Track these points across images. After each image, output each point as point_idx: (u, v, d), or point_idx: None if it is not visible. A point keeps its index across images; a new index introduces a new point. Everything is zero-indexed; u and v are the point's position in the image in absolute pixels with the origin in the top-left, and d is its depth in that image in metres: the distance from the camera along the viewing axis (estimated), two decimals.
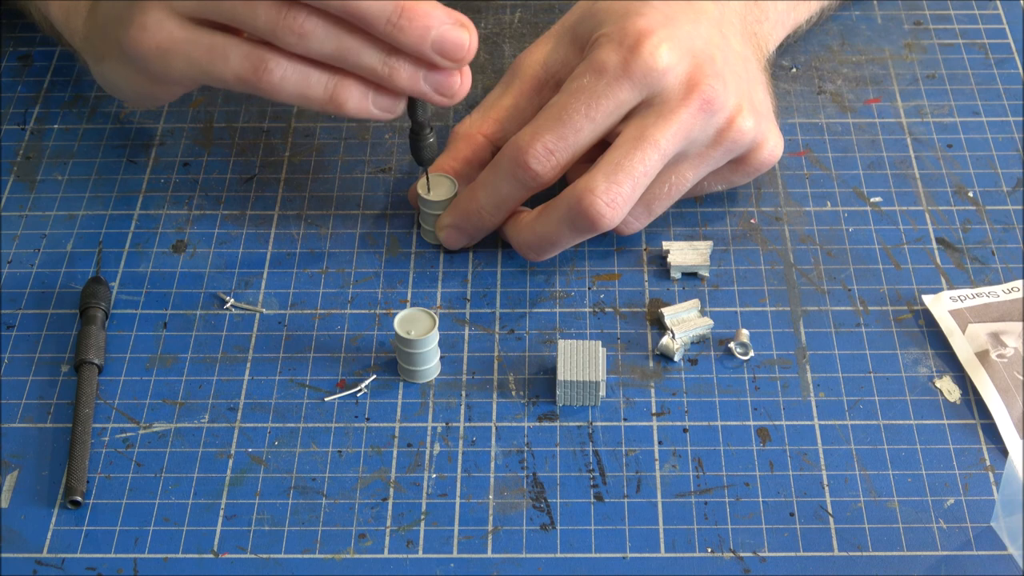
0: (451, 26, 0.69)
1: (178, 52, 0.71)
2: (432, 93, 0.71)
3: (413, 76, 0.70)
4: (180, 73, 0.72)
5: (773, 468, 0.69)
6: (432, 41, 0.69)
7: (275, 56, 0.70)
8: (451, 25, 0.69)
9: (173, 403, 0.72)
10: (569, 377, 0.70)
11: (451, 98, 0.72)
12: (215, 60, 0.70)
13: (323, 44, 0.69)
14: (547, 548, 0.66)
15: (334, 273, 0.78)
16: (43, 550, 0.66)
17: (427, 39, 0.68)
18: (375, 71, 0.70)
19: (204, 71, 0.71)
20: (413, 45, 0.69)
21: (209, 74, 0.71)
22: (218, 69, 0.70)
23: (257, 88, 0.70)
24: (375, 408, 0.72)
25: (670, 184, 0.76)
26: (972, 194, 0.82)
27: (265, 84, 0.70)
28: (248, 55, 0.70)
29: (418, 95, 0.71)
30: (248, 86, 0.71)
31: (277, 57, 0.70)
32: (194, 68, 0.71)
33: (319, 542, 0.66)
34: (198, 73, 0.71)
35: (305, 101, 0.71)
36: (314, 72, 0.70)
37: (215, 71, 0.71)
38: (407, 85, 0.70)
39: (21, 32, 0.93)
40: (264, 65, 0.70)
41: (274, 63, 0.70)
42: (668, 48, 0.73)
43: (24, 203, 0.82)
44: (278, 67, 0.70)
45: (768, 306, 0.76)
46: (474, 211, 0.76)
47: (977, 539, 0.66)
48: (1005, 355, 0.72)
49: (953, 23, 0.93)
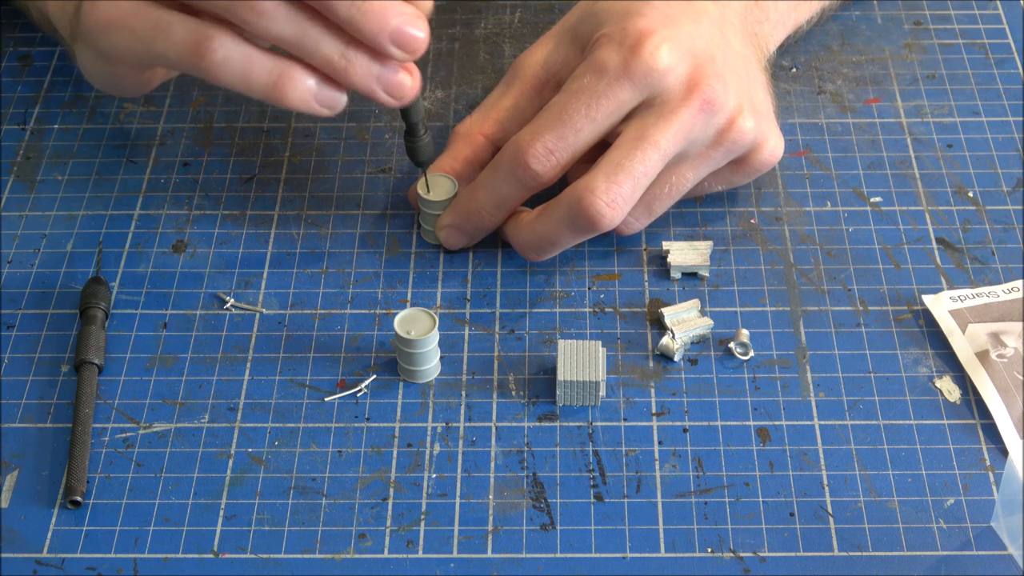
0: (410, 17, 0.68)
1: (123, 25, 0.69)
2: (381, 92, 0.70)
3: (367, 72, 0.69)
4: (123, 48, 0.70)
5: (773, 468, 0.69)
6: (392, 31, 0.67)
7: (220, 35, 0.67)
8: (410, 16, 0.68)
9: (173, 403, 0.72)
10: (569, 377, 0.70)
11: (400, 99, 0.70)
12: (158, 35, 0.68)
13: (283, 27, 0.67)
14: (547, 548, 0.66)
15: (334, 273, 0.78)
16: (43, 550, 0.66)
17: (387, 28, 0.67)
18: (331, 62, 0.68)
19: (146, 46, 0.69)
20: (373, 33, 0.67)
21: (151, 49, 0.69)
22: (160, 45, 0.68)
23: (199, 68, 0.68)
24: (375, 408, 0.72)
25: (670, 184, 0.76)
26: (972, 194, 0.82)
27: (207, 64, 0.68)
28: (192, 31, 0.68)
29: (367, 92, 0.70)
30: (190, 66, 0.68)
31: (222, 37, 0.67)
32: (137, 43, 0.69)
33: (319, 542, 0.66)
34: (140, 49, 0.69)
35: (247, 87, 0.68)
36: (259, 56, 0.68)
37: (157, 47, 0.68)
38: (360, 80, 0.69)
39: (21, 32, 0.93)
40: (207, 43, 0.67)
41: (218, 42, 0.67)
42: (669, 48, 0.73)
43: (24, 203, 0.82)
44: (221, 47, 0.67)
45: (768, 306, 0.76)
46: (474, 211, 0.76)
47: (977, 539, 0.66)
48: (1005, 355, 0.72)
49: (953, 23, 0.93)
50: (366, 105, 0.87)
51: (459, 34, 0.93)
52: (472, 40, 0.92)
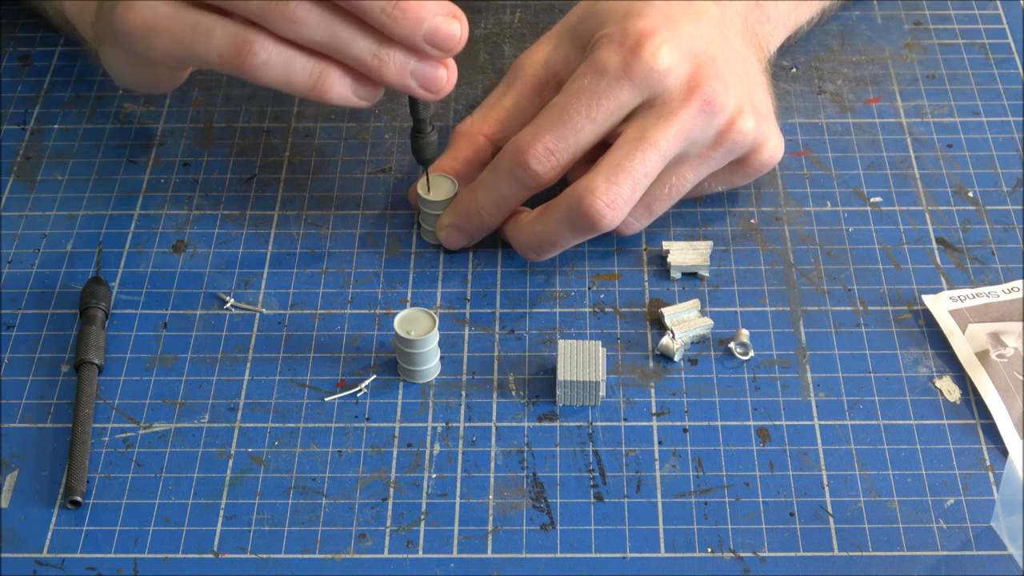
0: (444, 17, 0.69)
1: (162, 30, 0.70)
2: (418, 87, 0.71)
3: (401, 69, 0.70)
4: (164, 52, 0.70)
5: (773, 468, 0.69)
6: (425, 31, 0.68)
7: (260, 38, 0.68)
8: (444, 16, 0.69)
9: (173, 403, 0.72)
10: (569, 377, 0.70)
11: (436, 93, 0.71)
12: (199, 39, 0.69)
13: (315, 31, 0.68)
14: (547, 548, 0.66)
15: (334, 273, 0.78)
16: (43, 550, 0.66)
17: (420, 29, 0.68)
18: (364, 62, 0.69)
19: (187, 50, 0.70)
20: (406, 35, 0.68)
21: (192, 53, 0.70)
22: (201, 49, 0.69)
23: (240, 70, 0.69)
24: (375, 408, 0.72)
25: (670, 185, 0.76)
26: (972, 194, 0.82)
27: (248, 67, 0.69)
28: (233, 35, 0.69)
29: (403, 89, 0.71)
30: (231, 68, 0.69)
31: (262, 39, 0.68)
32: (177, 47, 0.70)
33: (319, 542, 0.66)
34: (181, 52, 0.70)
35: (288, 86, 0.70)
36: (299, 57, 0.69)
37: (198, 51, 0.69)
38: (394, 78, 0.70)
39: (21, 32, 0.93)
40: (248, 47, 0.68)
41: (259, 45, 0.68)
42: (669, 49, 0.73)
43: (24, 203, 0.82)
44: (263, 50, 0.69)
45: (768, 306, 0.76)
46: (474, 211, 0.76)
47: (977, 539, 0.66)
48: (1005, 355, 0.72)
49: (953, 23, 0.93)
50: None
51: None
52: (472, 40, 0.92)
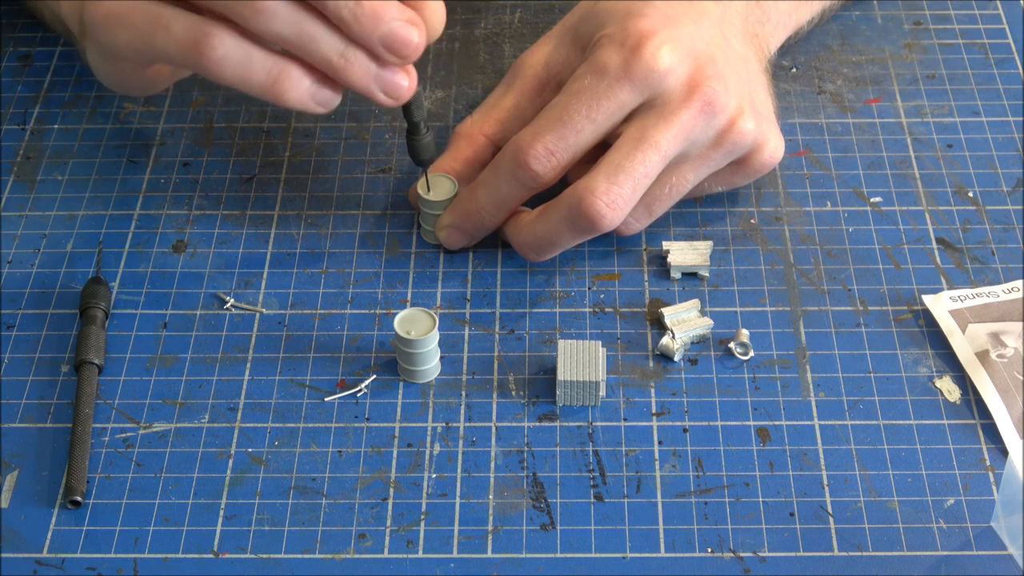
0: (402, 23, 0.68)
1: (123, 20, 0.69)
2: (378, 92, 0.70)
3: (366, 72, 0.69)
4: (125, 44, 0.69)
5: (773, 468, 0.69)
6: (382, 35, 0.67)
7: (220, 31, 0.67)
8: (402, 22, 0.68)
9: (173, 403, 0.72)
10: (569, 377, 0.70)
11: (396, 99, 0.70)
12: (158, 31, 0.68)
13: (283, 25, 0.67)
14: (547, 548, 0.66)
15: (334, 273, 0.78)
16: (43, 550, 0.66)
17: (376, 32, 0.67)
18: (330, 62, 0.68)
19: (147, 42, 0.69)
20: (365, 36, 0.67)
21: (152, 46, 0.69)
22: (160, 40, 0.68)
23: (199, 65, 0.68)
24: (375, 408, 0.72)
25: (671, 185, 0.76)
26: (972, 194, 0.82)
27: (206, 60, 0.68)
28: (191, 27, 0.68)
29: (366, 92, 0.70)
30: (189, 62, 0.68)
31: (222, 33, 0.67)
32: (137, 38, 0.69)
33: (319, 542, 0.66)
34: (142, 44, 0.69)
35: (245, 84, 0.68)
36: (258, 54, 0.68)
37: (157, 42, 0.68)
38: (358, 80, 0.69)
39: (21, 32, 0.93)
40: (207, 40, 0.67)
41: (217, 39, 0.67)
42: (669, 49, 0.73)
43: (24, 203, 0.82)
44: (221, 44, 0.67)
45: (768, 306, 0.76)
46: (474, 211, 0.76)
47: (977, 539, 0.66)
48: (1005, 355, 0.72)
49: (953, 23, 0.93)
50: (366, 105, 0.87)
51: (459, 34, 0.93)
52: (472, 40, 0.92)
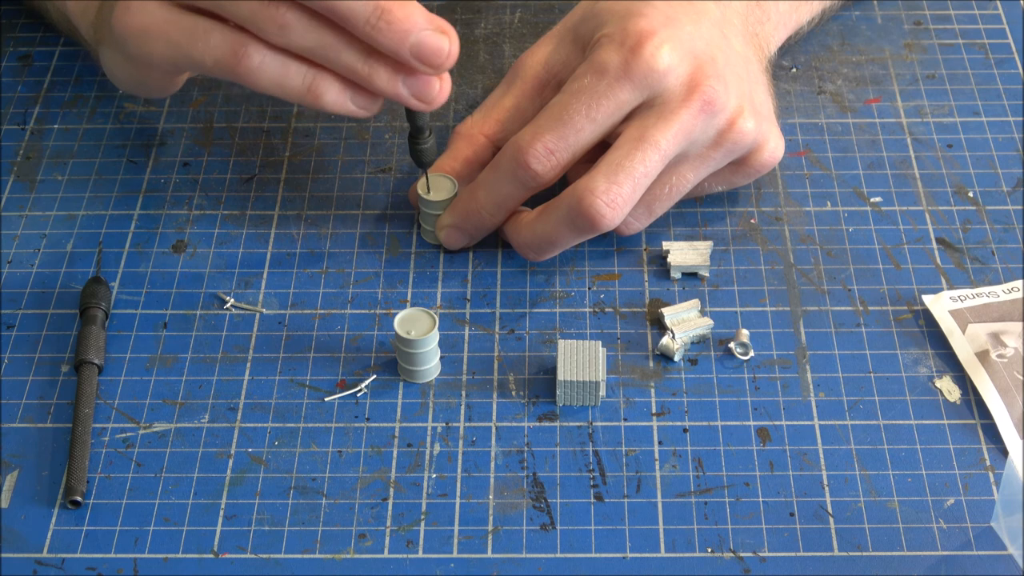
0: (431, 32, 0.68)
1: (159, 33, 0.70)
2: (410, 98, 0.70)
3: (392, 79, 0.69)
4: (160, 55, 0.70)
5: (773, 468, 0.69)
6: (411, 45, 0.67)
7: (255, 43, 0.68)
8: (431, 31, 0.68)
9: (173, 403, 0.72)
10: (569, 377, 0.70)
11: (429, 104, 0.70)
12: (195, 43, 0.69)
13: (303, 38, 0.68)
14: (547, 548, 0.66)
15: (334, 273, 0.78)
16: (43, 550, 0.66)
17: (406, 43, 0.67)
18: (354, 70, 0.69)
19: (184, 54, 0.70)
20: (392, 48, 0.67)
21: (189, 57, 0.70)
22: (198, 52, 0.69)
23: (235, 74, 0.69)
24: (375, 408, 0.72)
25: (671, 185, 0.76)
26: (972, 194, 0.82)
27: (243, 70, 0.69)
28: (228, 39, 0.69)
29: (395, 99, 0.70)
30: (227, 71, 0.69)
31: (257, 44, 0.68)
32: (174, 50, 0.70)
33: (319, 542, 0.66)
34: (178, 56, 0.70)
35: (282, 92, 0.69)
36: (293, 63, 0.69)
37: (194, 54, 0.69)
38: (385, 87, 0.69)
39: (21, 32, 0.93)
40: (244, 50, 0.68)
41: (254, 49, 0.68)
42: (669, 49, 0.73)
43: (24, 203, 0.82)
44: (257, 53, 0.68)
45: (768, 306, 0.76)
46: (474, 211, 0.76)
47: (977, 539, 0.66)
48: (1005, 355, 0.72)
49: (953, 23, 0.93)
50: None
51: (459, 34, 0.92)
52: (472, 40, 0.92)
